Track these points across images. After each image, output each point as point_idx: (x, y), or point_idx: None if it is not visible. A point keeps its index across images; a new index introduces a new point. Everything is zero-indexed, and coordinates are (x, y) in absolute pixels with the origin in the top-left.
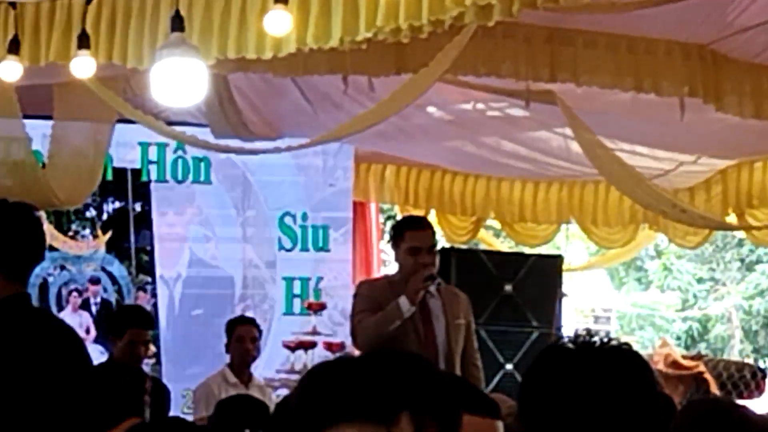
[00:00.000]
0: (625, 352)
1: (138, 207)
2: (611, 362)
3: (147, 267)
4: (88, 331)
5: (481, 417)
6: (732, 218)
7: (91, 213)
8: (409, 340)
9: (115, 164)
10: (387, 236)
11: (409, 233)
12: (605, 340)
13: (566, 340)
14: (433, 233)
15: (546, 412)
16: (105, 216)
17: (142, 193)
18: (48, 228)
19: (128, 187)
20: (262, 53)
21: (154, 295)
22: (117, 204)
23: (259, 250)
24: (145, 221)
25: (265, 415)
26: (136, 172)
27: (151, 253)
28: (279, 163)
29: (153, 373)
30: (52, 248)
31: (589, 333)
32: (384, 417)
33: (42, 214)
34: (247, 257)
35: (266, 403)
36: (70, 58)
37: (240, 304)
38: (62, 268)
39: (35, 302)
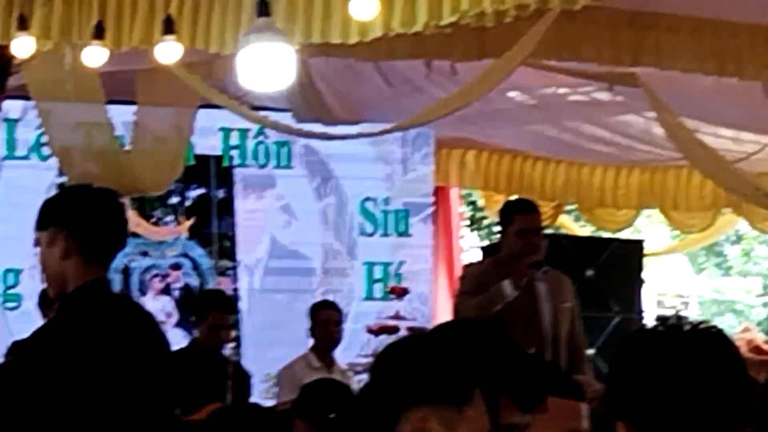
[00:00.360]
0: (715, 335)
1: (221, 193)
2: (702, 345)
3: (229, 252)
4: (169, 316)
5: (565, 399)
6: None
7: (174, 200)
8: (514, 324)
9: (198, 151)
10: (467, 222)
11: (518, 217)
12: (695, 323)
13: (656, 323)
14: (540, 216)
15: (636, 396)
16: (188, 203)
17: (225, 179)
18: (131, 215)
19: (211, 174)
20: (347, 38)
21: (235, 280)
22: (199, 191)
23: (338, 235)
24: (227, 208)
25: (350, 399)
26: (219, 159)
27: (232, 239)
28: (359, 148)
29: (234, 358)
30: (135, 235)
31: (678, 317)
32: (456, 397)
33: (126, 201)
34: (326, 242)
35: (350, 387)
36: (153, 43)
37: (320, 289)
38: (144, 254)
39: (118, 287)
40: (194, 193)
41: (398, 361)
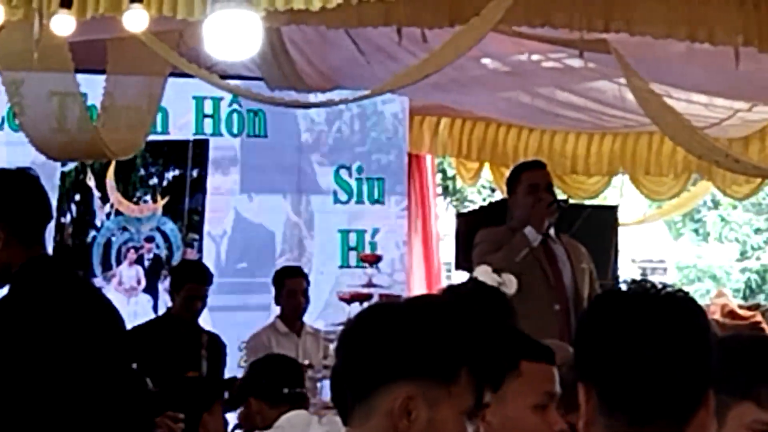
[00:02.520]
0: (680, 298)
1: (195, 173)
2: (666, 307)
3: (197, 225)
4: (139, 282)
5: (539, 363)
6: None
7: (154, 181)
8: (538, 283)
9: (175, 133)
10: (440, 189)
11: (526, 174)
12: (660, 286)
13: (622, 287)
14: (548, 173)
15: (599, 358)
16: (165, 183)
17: (200, 160)
18: (116, 195)
19: (188, 156)
20: (309, 4)
21: (200, 250)
22: (176, 172)
23: (301, 207)
24: (199, 185)
25: (299, 372)
26: (198, 143)
27: (201, 213)
28: (334, 116)
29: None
30: (118, 213)
31: (645, 280)
32: (445, 375)
33: (112, 184)
34: (286, 211)
35: (298, 362)
36: (121, 11)
37: (281, 258)
38: (124, 229)
39: (99, 258)
40: (171, 174)
41: (383, 332)
